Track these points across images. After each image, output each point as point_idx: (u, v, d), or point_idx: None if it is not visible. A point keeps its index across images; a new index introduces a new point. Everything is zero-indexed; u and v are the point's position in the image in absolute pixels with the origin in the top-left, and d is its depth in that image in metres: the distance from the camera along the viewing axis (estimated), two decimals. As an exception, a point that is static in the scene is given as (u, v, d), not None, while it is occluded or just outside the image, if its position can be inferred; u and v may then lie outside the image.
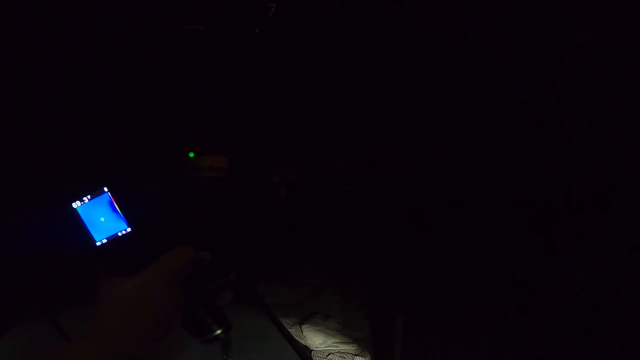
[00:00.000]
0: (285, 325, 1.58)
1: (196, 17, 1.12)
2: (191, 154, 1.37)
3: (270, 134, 1.40)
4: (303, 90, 1.38)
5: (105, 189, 0.54)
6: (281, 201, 1.56)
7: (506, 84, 1.17)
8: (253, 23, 1.14)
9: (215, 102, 1.29)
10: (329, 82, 1.36)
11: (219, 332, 0.55)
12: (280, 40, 1.22)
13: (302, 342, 1.61)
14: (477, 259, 1.33)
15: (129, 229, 0.54)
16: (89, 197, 0.54)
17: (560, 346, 1.11)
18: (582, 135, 1.08)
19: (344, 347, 1.61)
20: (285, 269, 1.73)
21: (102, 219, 0.54)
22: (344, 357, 1.61)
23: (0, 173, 1.17)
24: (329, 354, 1.61)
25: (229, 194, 1.45)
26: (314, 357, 1.60)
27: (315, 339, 1.61)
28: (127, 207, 0.55)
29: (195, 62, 1.20)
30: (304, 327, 1.64)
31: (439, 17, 1.09)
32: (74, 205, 0.54)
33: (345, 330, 1.63)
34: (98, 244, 0.54)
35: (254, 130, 1.41)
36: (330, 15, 1.14)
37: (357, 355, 1.59)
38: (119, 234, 0.54)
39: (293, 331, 1.62)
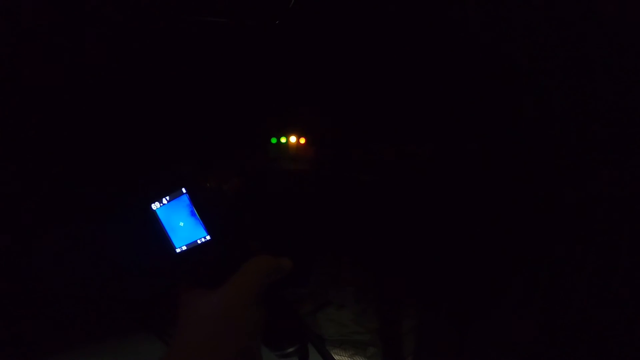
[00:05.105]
0: (299, 314, 1.58)
1: (216, 9, 1.07)
2: (273, 140, 1.20)
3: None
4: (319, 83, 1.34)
5: (184, 190, 0.48)
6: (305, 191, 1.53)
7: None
8: (273, 14, 1.09)
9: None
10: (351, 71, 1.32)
11: (297, 346, 0.53)
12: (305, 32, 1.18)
13: (317, 331, 1.62)
14: (497, 258, 1.33)
15: (208, 237, 0.48)
16: (167, 198, 0.48)
17: (579, 349, 1.13)
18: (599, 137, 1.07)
19: (357, 337, 1.63)
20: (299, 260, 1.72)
21: (181, 223, 0.50)
22: (357, 347, 1.63)
23: (75, 174, 1.08)
24: (342, 344, 1.63)
25: (312, 190, 1.36)
26: (327, 347, 1.61)
27: (329, 329, 1.62)
28: (206, 212, 0.48)
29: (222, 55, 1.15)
30: (317, 316, 1.65)
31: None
32: (154, 207, 0.50)
33: (359, 321, 1.65)
34: (177, 250, 0.49)
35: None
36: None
37: (370, 345, 1.61)
38: (198, 242, 0.49)
39: (307, 320, 1.63)
